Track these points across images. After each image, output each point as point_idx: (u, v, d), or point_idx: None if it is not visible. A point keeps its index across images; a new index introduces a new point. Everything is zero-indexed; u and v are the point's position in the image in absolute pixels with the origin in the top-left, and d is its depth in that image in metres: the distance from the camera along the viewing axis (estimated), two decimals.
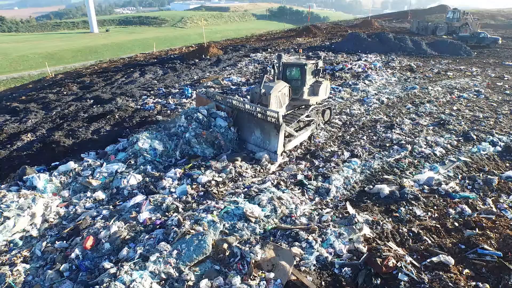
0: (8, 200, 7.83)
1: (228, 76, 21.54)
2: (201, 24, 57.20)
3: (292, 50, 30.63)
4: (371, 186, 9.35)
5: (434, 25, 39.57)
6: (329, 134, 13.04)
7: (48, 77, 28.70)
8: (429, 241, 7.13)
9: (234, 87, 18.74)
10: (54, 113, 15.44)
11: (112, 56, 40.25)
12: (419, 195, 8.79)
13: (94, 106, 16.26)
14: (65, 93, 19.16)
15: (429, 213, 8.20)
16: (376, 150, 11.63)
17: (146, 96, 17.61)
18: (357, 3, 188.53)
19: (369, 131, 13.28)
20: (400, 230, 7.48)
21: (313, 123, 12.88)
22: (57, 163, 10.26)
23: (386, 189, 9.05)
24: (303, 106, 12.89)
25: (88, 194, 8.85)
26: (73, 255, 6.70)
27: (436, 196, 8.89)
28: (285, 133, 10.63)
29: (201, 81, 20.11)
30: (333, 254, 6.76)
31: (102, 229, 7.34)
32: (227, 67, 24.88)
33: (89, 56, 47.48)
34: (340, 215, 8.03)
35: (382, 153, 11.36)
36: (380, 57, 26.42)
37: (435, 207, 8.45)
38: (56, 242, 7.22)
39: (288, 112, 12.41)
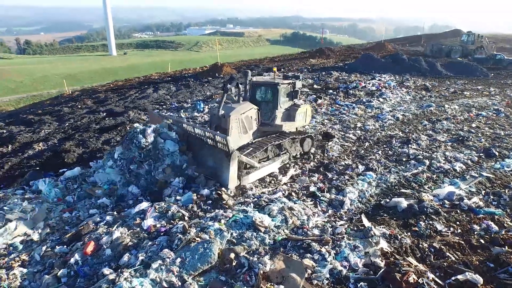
0: (12, 203, 7.66)
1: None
2: (216, 46, 58.29)
3: (305, 70, 30.72)
4: (388, 200, 8.88)
5: (448, 48, 39.34)
6: (343, 148, 12.65)
7: (66, 94, 29.36)
8: (453, 258, 6.58)
9: None
10: (67, 124, 15.58)
11: (128, 76, 41.16)
12: (440, 209, 8.26)
13: (106, 119, 16.37)
14: (79, 107, 19.45)
15: (452, 229, 7.65)
16: (392, 164, 11.19)
17: (158, 110, 17.65)
18: (370, 30, 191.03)
19: (384, 146, 12.87)
20: (420, 245, 6.96)
21: (286, 153, 11.07)
22: (65, 169, 10.13)
23: (404, 202, 8.57)
24: (278, 134, 11.01)
25: (93, 200, 8.62)
26: (72, 260, 6.40)
27: (458, 211, 8.35)
28: (242, 164, 9.19)
29: (213, 97, 20.16)
30: (347, 267, 6.27)
31: (104, 234, 7.04)
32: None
33: (106, 77, 48.73)
34: (355, 228, 7.57)
35: (399, 167, 10.91)
36: (394, 77, 26.18)
37: (458, 223, 7.90)
38: (57, 247, 6.95)
39: (255, 139, 10.56)
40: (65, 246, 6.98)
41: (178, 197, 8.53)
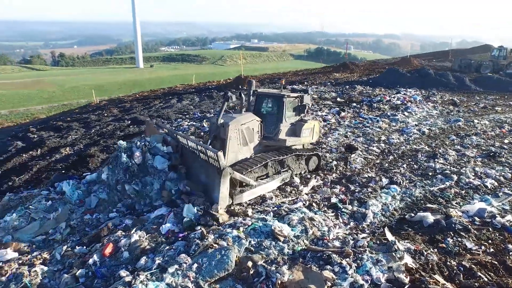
0: (37, 202, 7.85)
1: None
2: (240, 58, 59.14)
3: (329, 83, 30.56)
4: (413, 214, 8.51)
5: (478, 63, 38.13)
6: (366, 160, 12.34)
7: (93, 103, 30.42)
8: (485, 279, 6.15)
9: None
10: (93, 131, 16.09)
11: (153, 88, 42.28)
12: (469, 226, 7.82)
13: (131, 126, 16.80)
14: (105, 115, 20.07)
15: (483, 247, 7.19)
16: (418, 178, 10.79)
17: (181, 119, 17.93)
18: (395, 46, 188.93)
19: (409, 159, 12.47)
20: (448, 263, 6.57)
21: (287, 171, 10.34)
22: (88, 173, 10.36)
23: (430, 217, 8.18)
24: (282, 150, 10.28)
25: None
26: (90, 261, 6.45)
27: (490, 229, 7.86)
28: (236, 181, 8.50)
29: (236, 108, 20.32)
30: (369, 282, 5.96)
31: (122, 237, 7.08)
32: None
33: (133, 88, 50.07)
34: (378, 242, 7.26)
35: (424, 182, 10.51)
36: (420, 92, 25.59)
37: (490, 241, 7.43)
38: (77, 247, 7.06)
39: (256, 154, 9.82)
40: (84, 247, 7.07)
41: None
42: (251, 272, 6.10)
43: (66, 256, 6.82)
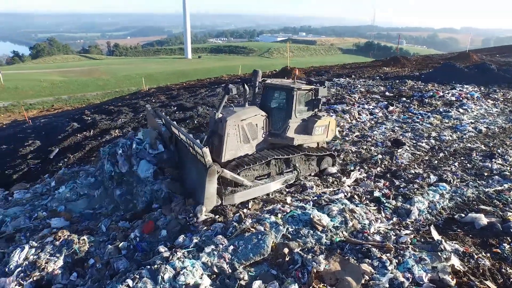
0: (83, 179, 8.38)
1: None
2: (287, 51, 58.52)
3: (378, 77, 29.33)
4: (463, 215, 7.95)
5: None
6: (414, 156, 11.70)
7: (143, 90, 31.78)
8: None
9: None
10: (141, 115, 16.80)
11: (200, 77, 43.32)
12: None
13: (176, 112, 17.34)
14: (153, 101, 20.88)
15: None
16: (471, 178, 10.04)
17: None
18: (452, 41, 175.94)
19: (462, 158, 11.63)
20: (503, 270, 6.05)
21: (292, 172, 9.41)
22: None
23: (483, 219, 7.59)
24: (291, 148, 9.27)
25: None
26: (132, 235, 6.77)
27: None
28: (227, 180, 7.77)
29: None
30: (410, 280, 5.67)
31: (162, 216, 7.33)
32: None
33: (181, 77, 51.72)
34: (422, 240, 6.88)
35: (478, 182, 9.75)
36: (479, 88, 23.73)
37: None
38: (120, 221, 7.42)
39: (257, 152, 8.90)
40: (127, 222, 7.42)
41: None
42: (287, 259, 6.06)
43: (111, 229, 7.27)
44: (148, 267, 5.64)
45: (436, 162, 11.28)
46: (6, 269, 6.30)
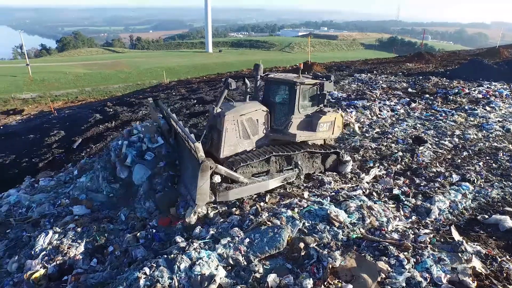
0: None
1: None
2: (308, 45, 57.94)
3: (400, 73, 28.64)
4: (486, 216, 7.71)
5: None
6: (436, 154, 11.40)
7: (164, 83, 32.19)
8: None
9: (333, 100, 18.17)
10: None
11: (221, 72, 43.54)
12: None
13: (196, 105, 17.49)
14: (174, 94, 21.13)
15: None
16: (496, 178, 9.71)
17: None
18: (481, 36, 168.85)
19: (487, 157, 11.24)
20: None
21: (293, 169, 9.02)
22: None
23: (508, 221, 7.35)
24: (294, 145, 8.98)
25: None
26: (149, 226, 6.92)
27: None
28: (223, 176, 7.50)
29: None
30: (428, 280, 5.55)
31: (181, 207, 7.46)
32: None
33: (201, 71, 52.09)
34: (442, 240, 6.72)
35: (504, 183, 9.42)
36: (508, 85, 22.80)
37: None
38: (138, 212, 7.59)
39: (257, 148, 8.67)
40: (145, 213, 7.58)
41: None
42: (302, 254, 6.05)
43: (130, 218, 7.44)
44: (165, 256, 5.76)
45: (459, 161, 10.96)
46: (32, 252, 6.61)
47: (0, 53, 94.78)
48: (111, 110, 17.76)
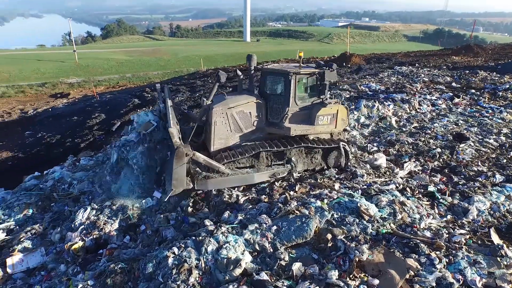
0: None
1: (367, 83, 20.41)
2: (347, 36, 56.35)
3: (445, 67, 27.18)
4: None
5: None
6: (478, 153, 10.78)
7: (201, 71, 32.69)
8: None
9: (370, 92, 17.62)
10: (197, 94, 17.37)
11: (258, 61, 43.43)
12: None
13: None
14: (210, 81, 21.38)
15: None
16: None
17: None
18: None
19: None
20: None
21: (284, 165, 8.59)
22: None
23: None
24: (288, 139, 8.56)
25: None
26: (179, 208, 7.16)
27: None
28: (203, 165, 7.37)
29: (337, 84, 19.64)
30: (461, 282, 5.31)
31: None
32: (367, 76, 23.64)
33: (238, 60, 52.33)
34: (479, 242, 6.38)
35: None
36: None
37: None
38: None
39: (246, 142, 8.40)
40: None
41: None
42: (329, 245, 5.99)
43: (162, 200, 7.70)
44: (194, 238, 5.94)
45: (504, 161, 10.28)
46: (72, 225, 7.09)
47: (52, 40, 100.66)
48: (149, 95, 18.38)
